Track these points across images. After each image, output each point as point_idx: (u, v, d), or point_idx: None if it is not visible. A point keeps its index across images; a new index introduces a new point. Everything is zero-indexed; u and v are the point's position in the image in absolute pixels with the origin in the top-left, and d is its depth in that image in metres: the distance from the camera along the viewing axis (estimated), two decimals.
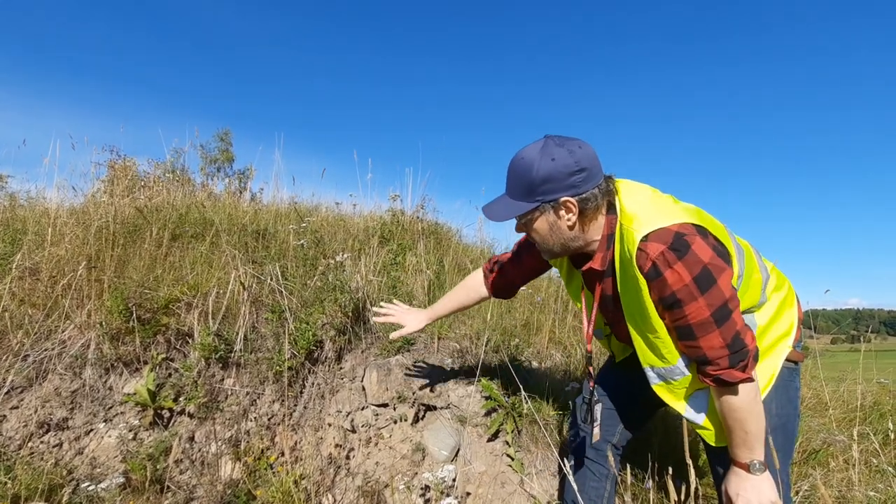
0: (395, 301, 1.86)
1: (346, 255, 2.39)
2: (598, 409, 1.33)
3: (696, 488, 1.05)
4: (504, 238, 6.81)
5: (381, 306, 1.82)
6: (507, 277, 1.59)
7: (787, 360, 1.18)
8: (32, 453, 1.84)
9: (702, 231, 1.02)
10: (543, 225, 1.11)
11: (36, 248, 2.54)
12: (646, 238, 1.01)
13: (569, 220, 1.09)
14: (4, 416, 1.93)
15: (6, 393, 1.99)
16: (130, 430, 1.94)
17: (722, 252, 1.01)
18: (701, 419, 1.14)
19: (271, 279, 2.45)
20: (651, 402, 1.38)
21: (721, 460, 1.16)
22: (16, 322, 2.15)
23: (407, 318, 1.76)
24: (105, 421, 1.98)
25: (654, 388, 1.16)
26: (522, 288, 2.81)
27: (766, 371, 1.14)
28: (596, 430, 1.31)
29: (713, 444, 1.14)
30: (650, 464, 1.44)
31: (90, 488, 1.58)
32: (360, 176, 3.80)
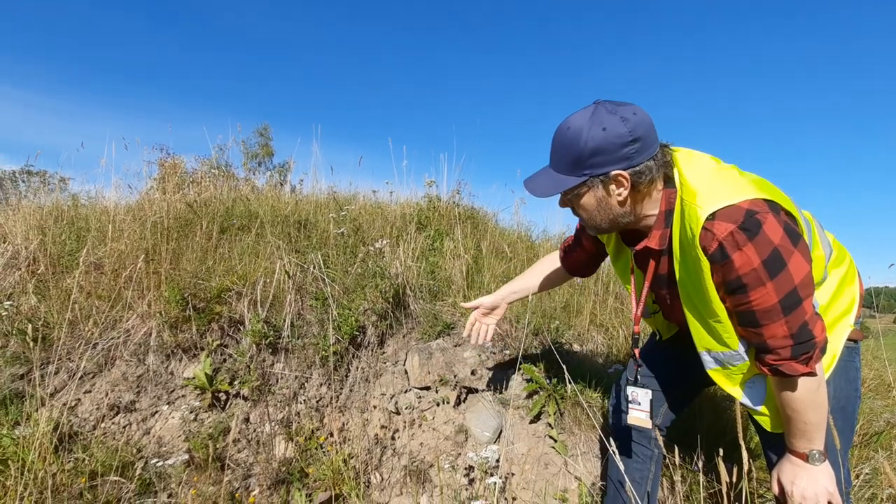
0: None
1: (384, 242, 2.43)
2: (645, 395, 1.29)
3: (750, 470, 1.02)
4: (541, 221, 6.71)
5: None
6: (575, 261, 1.49)
7: (848, 339, 1.10)
8: (105, 433, 2.00)
9: (774, 207, 0.93)
10: (591, 200, 1.04)
11: (98, 243, 2.72)
12: (712, 216, 0.92)
13: (619, 195, 1.01)
14: (79, 399, 2.10)
15: (80, 378, 2.16)
16: (191, 412, 2.07)
17: (793, 231, 0.92)
18: (758, 405, 1.08)
19: (314, 267, 2.53)
20: (697, 382, 1.35)
21: (775, 446, 1.11)
22: (84, 313, 2.33)
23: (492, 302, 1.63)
24: (168, 403, 2.12)
25: (710, 372, 1.11)
26: None
27: (828, 352, 1.07)
28: (641, 416, 1.28)
29: (770, 431, 1.10)
30: (699, 445, 1.41)
31: (159, 465, 1.70)
32: (395, 163, 3.83)
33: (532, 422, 1.93)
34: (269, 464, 1.82)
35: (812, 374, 0.94)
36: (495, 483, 1.35)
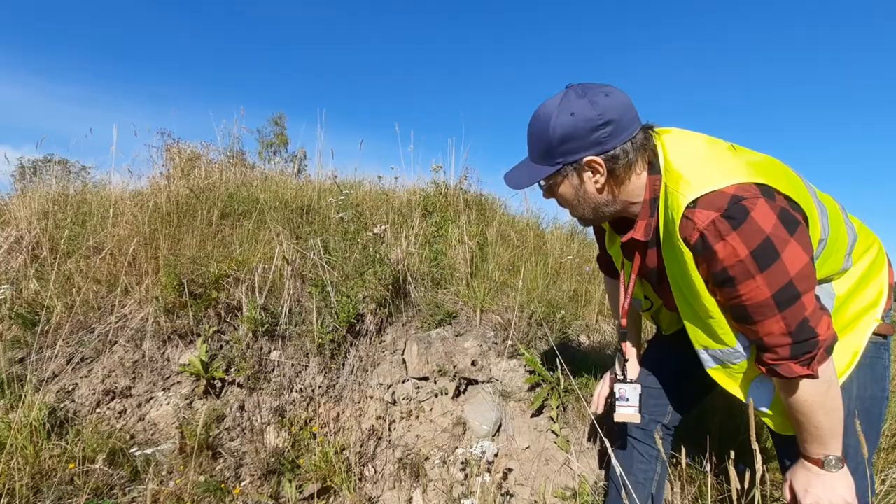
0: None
1: (383, 227, 2.35)
2: (633, 391, 1.19)
3: (763, 474, 0.92)
4: (552, 209, 6.57)
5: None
6: (605, 262, 1.37)
7: (875, 333, 0.99)
8: (100, 419, 1.98)
9: (767, 192, 0.82)
10: (568, 190, 0.97)
11: (100, 228, 2.70)
12: (693, 203, 0.84)
13: (596, 182, 0.94)
14: (76, 384, 2.08)
15: (78, 362, 2.14)
16: (186, 399, 2.03)
17: (790, 218, 0.81)
18: (765, 407, 0.98)
19: (313, 254, 2.47)
20: (705, 382, 1.24)
21: (789, 450, 1.01)
22: (83, 297, 2.31)
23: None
24: (163, 390, 2.09)
25: (710, 371, 1.01)
26: (569, 256, 2.68)
27: (848, 349, 0.96)
28: (630, 411, 1.18)
29: (778, 433, 1.00)
30: (709, 445, 1.30)
31: (148, 452, 1.66)
32: (402, 148, 3.74)
33: (534, 415, 1.84)
34: (259, 454, 1.77)
35: (812, 376, 0.84)
36: (486, 481, 1.28)
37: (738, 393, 0.99)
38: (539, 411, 1.84)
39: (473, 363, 1.99)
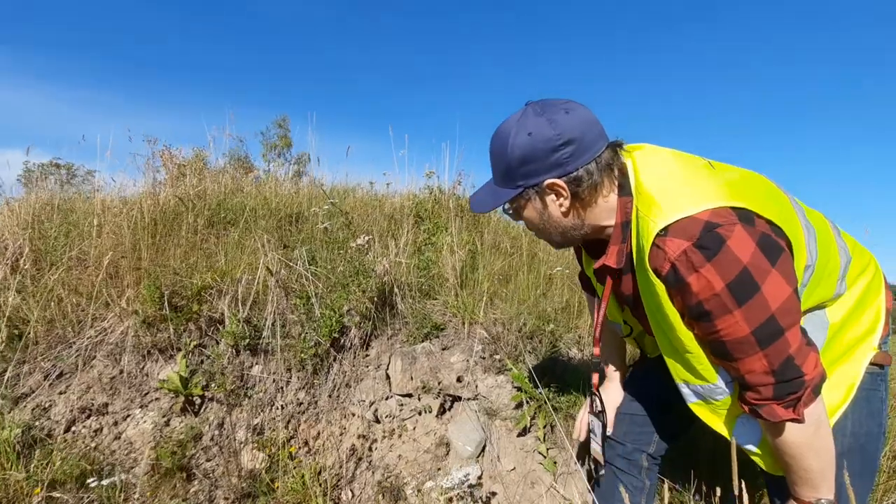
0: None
1: (366, 238, 2.28)
2: (597, 426, 1.12)
3: None
4: None
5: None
6: (585, 281, 1.29)
7: (871, 363, 0.91)
8: (76, 437, 1.92)
9: (745, 216, 0.75)
10: (532, 213, 0.91)
11: (85, 238, 2.65)
12: (664, 231, 0.77)
13: (561, 205, 0.88)
14: (53, 401, 2.03)
15: (56, 377, 2.09)
16: (164, 416, 1.98)
17: (771, 245, 0.74)
18: (752, 446, 0.90)
19: (299, 264, 2.41)
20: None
21: (779, 490, 0.94)
22: (63, 310, 2.26)
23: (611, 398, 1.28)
24: (141, 407, 2.03)
25: (692, 406, 0.94)
26: (559, 268, 2.61)
27: (842, 382, 0.89)
28: (598, 448, 1.11)
29: (768, 472, 0.92)
30: (693, 475, 1.23)
31: (105, 483, 1.59)
32: (395, 152, 3.68)
33: (520, 435, 1.77)
34: (234, 476, 1.71)
35: (798, 420, 0.77)
36: None
37: (723, 430, 0.91)
38: (525, 431, 1.77)
39: (459, 379, 1.92)
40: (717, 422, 0.92)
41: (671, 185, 0.82)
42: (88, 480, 1.57)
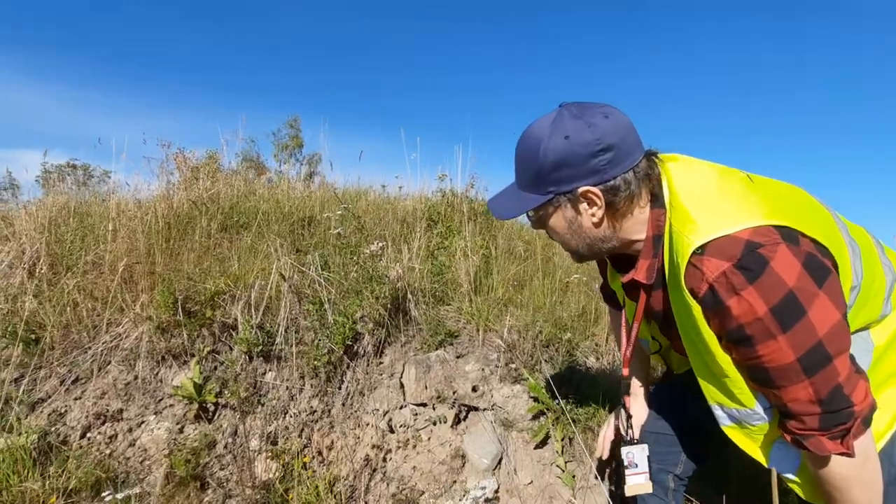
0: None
1: (379, 245, 2.25)
2: (641, 453, 1.07)
3: None
4: None
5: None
6: (608, 294, 1.24)
7: None
8: (91, 443, 1.93)
9: (789, 235, 0.70)
10: (560, 222, 0.86)
11: (101, 242, 2.67)
12: (701, 250, 0.72)
13: (593, 215, 0.82)
14: (68, 406, 2.03)
15: (71, 383, 2.10)
16: (177, 423, 1.97)
17: (818, 266, 0.69)
18: (791, 474, 0.85)
19: (311, 269, 2.39)
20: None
21: None
22: (79, 315, 2.27)
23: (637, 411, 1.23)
24: (155, 413, 2.03)
25: (725, 429, 0.89)
26: (576, 276, 2.56)
27: (888, 407, 0.83)
28: (640, 480, 1.06)
29: (806, 500, 0.87)
30: (724, 497, 1.18)
31: (120, 497, 1.58)
32: (407, 155, 3.65)
33: (537, 447, 1.73)
34: (248, 486, 1.70)
35: (848, 454, 0.71)
36: None
37: (759, 456, 0.87)
38: (543, 443, 1.73)
39: (474, 389, 1.89)
40: (752, 447, 0.87)
41: (708, 200, 0.77)
42: (104, 493, 1.56)
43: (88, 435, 1.95)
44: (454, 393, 1.87)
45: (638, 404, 1.20)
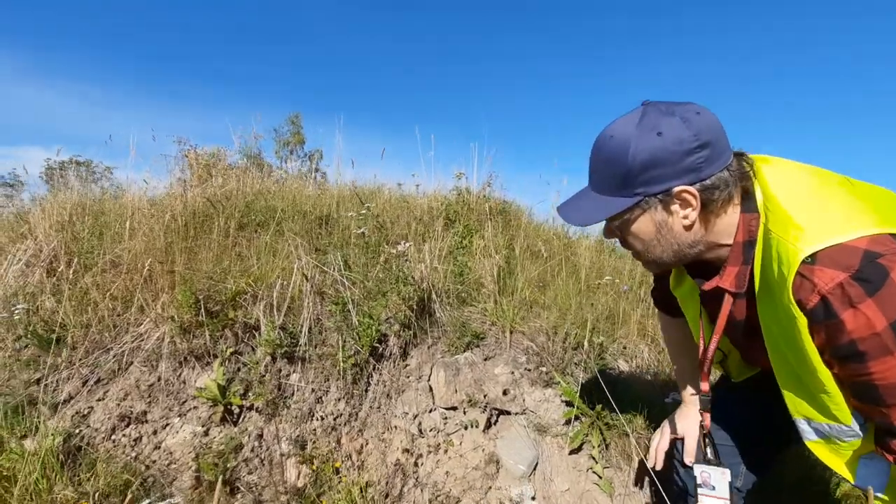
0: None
1: (407, 245, 2.22)
2: (721, 476, 1.02)
3: None
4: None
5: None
6: (665, 300, 1.16)
7: None
8: (116, 445, 1.90)
9: None
10: (648, 227, 0.80)
11: (118, 241, 2.63)
12: (812, 259, 0.68)
13: (686, 217, 0.77)
14: (92, 407, 2.00)
15: (94, 384, 2.07)
16: (202, 426, 1.94)
17: None
18: (879, 490, 0.82)
19: (333, 269, 2.36)
20: (784, 437, 1.09)
21: None
22: (99, 315, 2.23)
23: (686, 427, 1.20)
24: (180, 416, 2.00)
25: (809, 444, 0.85)
26: (608, 277, 2.52)
27: None
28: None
29: None
30: None
31: (171, 501, 1.56)
32: (422, 153, 3.61)
33: (572, 452, 1.71)
34: (279, 490, 1.67)
35: None
36: None
37: (845, 472, 0.83)
38: (579, 448, 1.70)
39: (505, 392, 1.86)
40: (838, 462, 0.84)
41: (812, 205, 0.73)
42: (142, 503, 1.53)
43: (113, 437, 1.92)
44: (485, 397, 1.84)
45: (692, 413, 1.17)
